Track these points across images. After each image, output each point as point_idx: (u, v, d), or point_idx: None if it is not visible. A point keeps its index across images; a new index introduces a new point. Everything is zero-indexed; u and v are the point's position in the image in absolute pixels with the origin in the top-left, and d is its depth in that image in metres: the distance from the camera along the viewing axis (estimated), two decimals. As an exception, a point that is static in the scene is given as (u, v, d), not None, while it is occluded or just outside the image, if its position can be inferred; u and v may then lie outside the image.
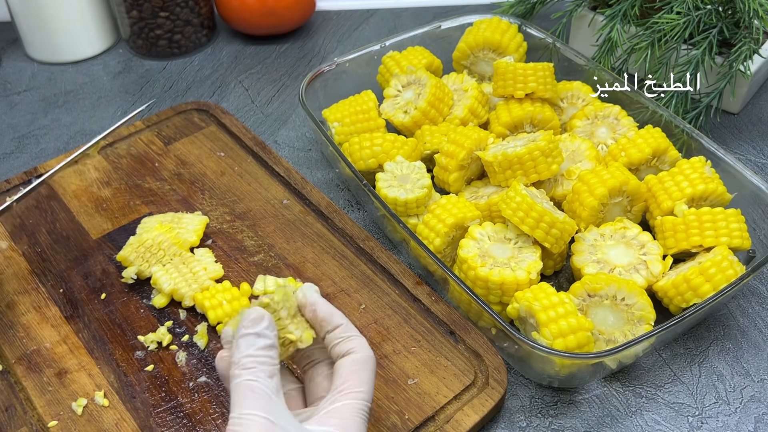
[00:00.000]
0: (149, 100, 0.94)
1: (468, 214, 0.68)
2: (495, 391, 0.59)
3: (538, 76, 0.76)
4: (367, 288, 0.68)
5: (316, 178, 0.83)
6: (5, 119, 0.92)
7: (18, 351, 0.63)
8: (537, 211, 0.64)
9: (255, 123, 0.91)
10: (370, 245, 0.71)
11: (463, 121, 0.79)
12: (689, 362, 0.65)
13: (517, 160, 0.69)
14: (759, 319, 0.68)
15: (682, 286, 0.62)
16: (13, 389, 0.61)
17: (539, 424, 0.60)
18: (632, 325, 0.61)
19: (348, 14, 1.11)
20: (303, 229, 0.74)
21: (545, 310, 0.58)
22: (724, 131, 0.88)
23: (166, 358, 0.63)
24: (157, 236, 0.69)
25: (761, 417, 0.60)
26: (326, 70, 0.84)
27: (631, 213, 0.71)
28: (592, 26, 0.91)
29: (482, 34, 0.84)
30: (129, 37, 1.01)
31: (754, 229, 0.69)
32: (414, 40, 0.88)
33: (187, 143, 0.84)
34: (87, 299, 0.67)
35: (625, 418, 0.61)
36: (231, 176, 0.80)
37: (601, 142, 0.77)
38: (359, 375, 0.50)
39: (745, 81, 0.84)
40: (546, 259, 0.68)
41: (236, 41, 1.05)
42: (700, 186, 0.68)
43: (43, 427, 0.58)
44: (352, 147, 0.76)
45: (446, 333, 0.64)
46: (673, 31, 0.80)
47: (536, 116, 0.77)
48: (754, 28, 0.79)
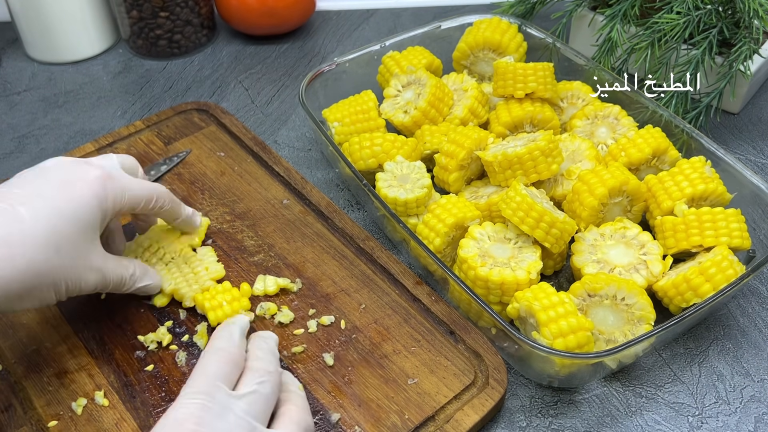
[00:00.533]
0: (149, 100, 0.94)
1: (468, 214, 0.68)
2: (495, 390, 0.59)
3: (538, 76, 0.76)
4: (367, 288, 0.68)
5: (316, 178, 0.83)
6: (5, 119, 0.92)
7: (18, 351, 0.63)
8: (537, 210, 0.64)
9: (255, 123, 0.91)
10: (370, 245, 0.71)
11: (463, 121, 0.79)
12: (689, 362, 0.65)
13: (517, 160, 0.69)
14: (759, 319, 0.68)
15: (682, 286, 0.62)
16: (13, 389, 0.61)
17: (539, 423, 0.60)
18: (632, 325, 0.61)
19: (348, 14, 1.11)
20: (303, 229, 0.74)
21: (545, 309, 0.58)
22: (724, 131, 0.88)
23: (166, 358, 0.63)
24: (159, 233, 0.70)
25: (761, 417, 0.60)
26: (326, 70, 0.84)
27: (631, 213, 0.71)
28: (592, 26, 0.91)
29: (482, 34, 0.84)
30: (129, 37, 1.01)
31: (754, 229, 0.69)
32: (414, 40, 0.88)
33: (187, 143, 0.84)
34: (87, 299, 0.67)
35: (625, 418, 0.61)
36: (231, 176, 0.80)
37: (601, 142, 0.77)
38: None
39: (745, 81, 0.84)
40: (546, 259, 0.68)
41: (236, 41, 1.05)
42: (700, 186, 0.68)
43: (42, 427, 0.58)
44: (352, 147, 0.76)
45: (446, 333, 0.64)
46: (673, 31, 0.80)
47: (536, 116, 0.77)
48: (754, 28, 0.79)
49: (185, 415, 0.46)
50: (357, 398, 0.59)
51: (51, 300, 0.56)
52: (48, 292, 0.55)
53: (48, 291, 0.55)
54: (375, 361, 0.62)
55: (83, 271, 0.57)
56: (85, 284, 0.57)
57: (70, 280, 0.56)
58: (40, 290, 0.54)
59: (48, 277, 0.54)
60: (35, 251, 0.52)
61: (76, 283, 0.56)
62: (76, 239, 0.55)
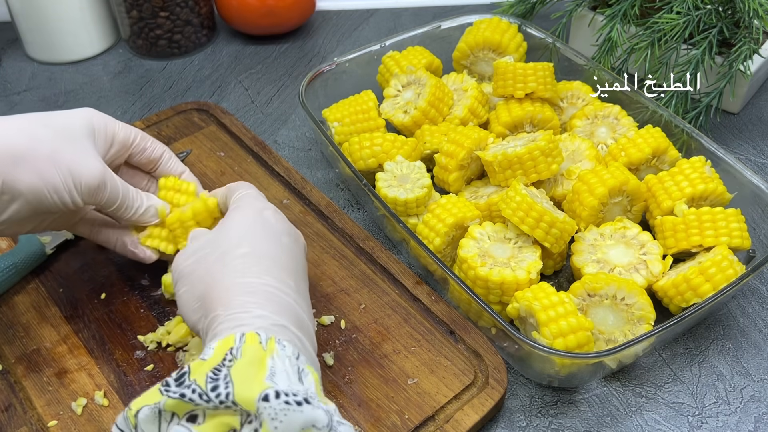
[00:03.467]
0: (149, 100, 0.94)
1: (468, 214, 0.68)
2: (495, 390, 0.59)
3: (538, 76, 0.76)
4: (367, 288, 0.68)
5: (316, 178, 0.83)
6: (5, 119, 0.92)
7: (18, 351, 0.63)
8: (537, 210, 0.64)
9: (255, 123, 0.91)
10: (370, 245, 0.71)
11: (463, 121, 0.79)
12: (689, 362, 0.65)
13: (517, 159, 0.69)
14: (759, 319, 0.68)
15: (682, 286, 0.62)
16: (13, 389, 0.61)
17: (539, 423, 0.60)
18: (632, 325, 0.61)
19: (348, 14, 1.11)
20: (303, 228, 0.73)
21: (545, 309, 0.58)
22: (724, 131, 0.88)
23: (166, 358, 0.63)
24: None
25: (761, 417, 0.60)
26: (326, 70, 0.84)
27: (631, 213, 0.71)
28: (592, 26, 0.91)
29: (482, 34, 0.84)
30: (129, 37, 1.01)
31: (754, 229, 0.69)
32: (414, 40, 0.88)
33: (187, 143, 0.84)
34: (87, 299, 0.67)
35: (625, 418, 0.61)
36: (231, 176, 0.80)
37: (601, 141, 0.77)
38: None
39: (745, 81, 0.84)
40: (546, 259, 0.68)
41: (236, 41, 1.05)
42: (700, 186, 0.68)
43: (42, 426, 0.58)
44: (352, 147, 0.76)
45: (446, 333, 0.64)
46: (673, 31, 0.80)
47: (536, 116, 0.77)
48: (754, 28, 0.79)
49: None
50: (357, 398, 0.59)
51: (63, 194, 0.57)
52: (52, 175, 0.55)
53: (51, 174, 0.55)
54: (375, 361, 0.62)
55: (82, 156, 0.58)
56: (89, 174, 0.57)
57: (65, 164, 0.56)
58: (36, 164, 0.55)
59: (42, 151, 0.55)
60: (25, 126, 0.56)
61: (73, 169, 0.57)
62: (69, 131, 0.58)
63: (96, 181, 0.58)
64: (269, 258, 0.53)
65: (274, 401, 0.41)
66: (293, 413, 0.41)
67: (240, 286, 0.50)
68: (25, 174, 0.55)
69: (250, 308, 0.48)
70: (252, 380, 0.43)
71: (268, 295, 0.50)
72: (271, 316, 0.48)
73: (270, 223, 0.56)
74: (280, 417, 0.41)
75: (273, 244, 0.54)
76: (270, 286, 0.50)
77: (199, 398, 0.43)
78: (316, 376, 0.47)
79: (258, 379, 0.43)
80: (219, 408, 0.43)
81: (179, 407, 0.43)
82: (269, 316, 0.48)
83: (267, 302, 0.49)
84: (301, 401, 0.42)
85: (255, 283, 0.50)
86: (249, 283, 0.50)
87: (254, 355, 0.45)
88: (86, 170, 0.57)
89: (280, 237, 0.55)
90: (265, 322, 0.48)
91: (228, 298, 0.49)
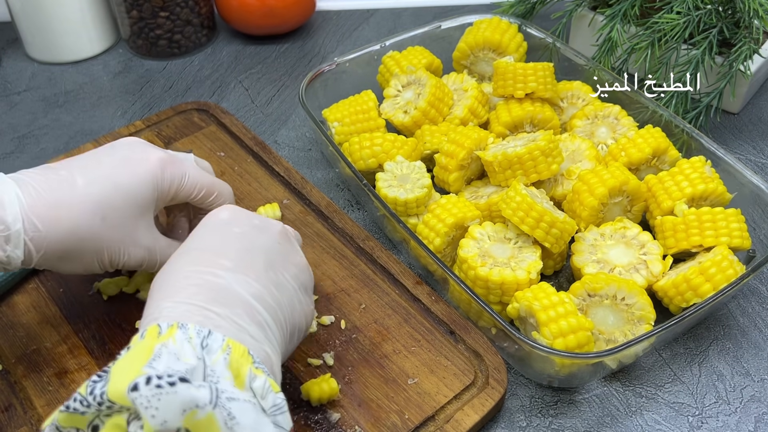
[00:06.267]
0: (149, 100, 0.94)
1: (468, 214, 0.68)
2: (495, 390, 0.59)
3: (538, 76, 0.76)
4: (367, 288, 0.68)
5: (316, 178, 0.83)
6: (5, 119, 0.92)
7: (18, 351, 0.63)
8: (537, 210, 0.64)
9: (255, 123, 0.91)
10: (370, 245, 0.71)
11: (463, 121, 0.79)
12: (689, 362, 0.65)
13: (517, 159, 0.69)
14: (759, 319, 0.68)
15: (682, 286, 0.62)
16: (13, 389, 0.61)
17: (539, 423, 0.60)
18: (632, 325, 0.61)
19: (348, 14, 1.11)
20: (303, 229, 0.74)
21: (545, 309, 0.58)
22: (724, 131, 0.88)
23: (166, 358, 0.63)
24: None
25: (761, 417, 0.60)
26: (326, 70, 0.84)
27: (631, 213, 0.71)
28: (592, 26, 0.91)
29: (482, 34, 0.84)
30: (129, 37, 1.01)
31: (754, 229, 0.69)
32: (414, 40, 0.88)
33: (187, 143, 0.84)
34: (87, 299, 0.67)
35: (625, 418, 0.61)
36: (231, 176, 0.80)
37: (601, 141, 0.77)
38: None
39: (745, 81, 0.84)
40: (546, 259, 0.68)
41: (236, 41, 1.05)
42: (700, 186, 0.68)
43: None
44: (352, 147, 0.76)
45: (446, 333, 0.64)
46: (673, 31, 0.80)
47: (536, 116, 0.77)
48: (754, 28, 0.79)
49: None
50: (357, 398, 0.59)
51: (94, 267, 0.57)
52: (90, 258, 0.56)
53: (90, 257, 0.56)
54: (375, 361, 0.62)
55: (128, 245, 0.58)
56: (129, 258, 0.58)
57: (112, 250, 0.57)
58: (82, 254, 0.56)
59: (90, 243, 0.55)
60: (80, 216, 0.55)
61: (118, 255, 0.57)
62: (124, 212, 0.56)
63: (136, 263, 0.59)
64: (204, 249, 0.50)
65: (144, 389, 0.38)
66: (167, 396, 0.38)
67: (158, 283, 0.48)
68: (66, 266, 0.56)
69: (161, 302, 0.46)
70: (128, 372, 0.39)
71: (187, 282, 0.47)
72: (184, 302, 0.45)
73: (219, 219, 0.53)
74: (154, 404, 0.37)
75: (215, 235, 0.52)
76: (195, 272, 0.47)
77: (81, 405, 0.40)
78: (242, 348, 0.43)
79: (135, 368, 0.39)
80: (103, 411, 0.40)
81: (74, 420, 0.40)
82: (182, 303, 0.45)
83: (182, 290, 0.46)
84: (175, 381, 0.38)
85: (176, 275, 0.48)
86: (168, 277, 0.48)
87: (143, 346, 0.42)
88: (128, 257, 0.58)
89: (230, 228, 0.52)
90: (174, 311, 0.45)
91: (149, 300, 0.48)
